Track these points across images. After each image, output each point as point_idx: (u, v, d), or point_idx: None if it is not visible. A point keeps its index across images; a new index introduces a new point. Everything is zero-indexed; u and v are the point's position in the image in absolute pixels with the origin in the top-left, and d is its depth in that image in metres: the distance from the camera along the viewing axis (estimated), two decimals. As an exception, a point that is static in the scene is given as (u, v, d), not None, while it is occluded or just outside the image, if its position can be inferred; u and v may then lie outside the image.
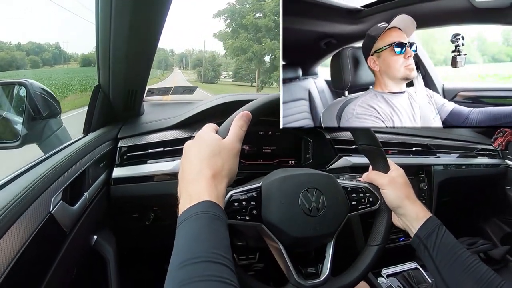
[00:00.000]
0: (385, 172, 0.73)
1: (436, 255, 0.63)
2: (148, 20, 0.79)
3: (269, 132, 1.12)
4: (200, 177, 0.52)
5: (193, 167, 0.54)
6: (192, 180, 0.52)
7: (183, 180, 0.54)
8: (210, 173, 0.52)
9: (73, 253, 0.70)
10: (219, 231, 0.46)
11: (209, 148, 0.55)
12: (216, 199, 0.49)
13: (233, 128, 0.60)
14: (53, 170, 0.67)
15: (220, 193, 0.52)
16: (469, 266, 0.60)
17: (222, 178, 0.54)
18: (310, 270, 0.66)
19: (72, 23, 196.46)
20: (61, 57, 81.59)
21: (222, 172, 0.54)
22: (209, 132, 0.59)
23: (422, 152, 1.36)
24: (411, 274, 1.21)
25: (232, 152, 0.57)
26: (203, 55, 55.27)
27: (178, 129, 1.05)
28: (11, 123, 0.98)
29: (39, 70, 54.79)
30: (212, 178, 0.52)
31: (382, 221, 0.73)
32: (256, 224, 0.63)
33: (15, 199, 0.53)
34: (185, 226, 0.46)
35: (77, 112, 7.69)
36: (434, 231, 0.65)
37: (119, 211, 1.01)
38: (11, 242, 0.49)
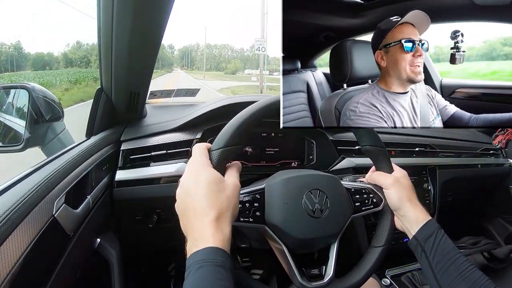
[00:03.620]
0: (388, 173, 0.72)
1: (433, 258, 0.63)
2: (150, 22, 0.79)
3: (272, 134, 1.12)
4: (205, 219, 0.50)
5: (196, 207, 0.52)
6: (196, 222, 0.51)
7: (187, 219, 0.53)
8: (215, 214, 0.50)
9: (76, 256, 0.70)
10: (220, 283, 0.45)
11: (213, 187, 0.53)
12: (221, 243, 0.48)
13: (233, 165, 0.60)
14: (56, 174, 0.67)
15: (225, 236, 0.50)
16: (464, 271, 0.60)
17: (227, 217, 0.52)
18: (314, 271, 0.66)
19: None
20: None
21: (226, 210, 0.52)
22: (208, 166, 0.56)
23: (425, 152, 1.35)
24: (415, 275, 1.20)
25: (235, 189, 0.55)
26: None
27: (181, 131, 1.05)
28: (14, 127, 0.98)
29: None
30: (216, 221, 0.50)
31: (386, 222, 0.73)
32: (260, 226, 0.63)
33: (18, 203, 0.53)
34: (190, 274, 0.46)
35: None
36: (432, 234, 0.65)
37: (122, 213, 1.01)
38: (15, 245, 0.49)
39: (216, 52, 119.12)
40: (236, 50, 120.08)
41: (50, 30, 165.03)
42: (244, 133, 0.61)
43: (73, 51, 79.92)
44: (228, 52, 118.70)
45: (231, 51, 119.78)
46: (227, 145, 0.59)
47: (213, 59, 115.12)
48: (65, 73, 28.57)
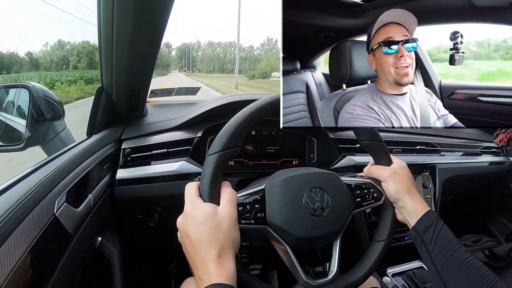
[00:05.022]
0: (387, 166, 0.73)
1: (432, 248, 0.63)
2: (151, 20, 0.79)
3: (272, 132, 1.12)
4: (207, 260, 0.50)
5: (197, 250, 0.52)
6: (200, 263, 0.51)
7: (190, 259, 0.53)
8: (216, 253, 0.50)
9: (77, 255, 0.70)
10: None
11: (208, 225, 0.52)
12: (225, 279, 0.49)
13: (225, 193, 0.58)
14: (57, 172, 0.67)
15: (229, 271, 0.50)
16: (464, 261, 0.60)
17: (228, 252, 0.52)
18: (317, 269, 0.66)
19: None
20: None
21: (227, 246, 0.52)
22: (199, 204, 0.55)
23: (426, 151, 1.35)
24: (416, 273, 1.20)
25: (232, 220, 0.55)
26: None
27: (182, 130, 1.05)
28: (14, 126, 0.98)
29: None
30: (218, 258, 0.50)
31: (387, 216, 0.73)
32: (262, 227, 0.63)
33: (19, 202, 0.53)
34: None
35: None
36: (432, 225, 0.65)
37: (123, 212, 1.01)
38: (16, 244, 0.49)
39: (221, 51, 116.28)
40: (244, 49, 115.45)
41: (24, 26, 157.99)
42: (243, 134, 0.61)
43: (51, 51, 77.01)
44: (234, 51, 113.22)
45: (239, 50, 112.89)
46: (225, 148, 0.59)
47: (217, 59, 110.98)
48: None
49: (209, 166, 0.58)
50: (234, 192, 0.59)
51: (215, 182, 0.58)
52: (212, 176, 0.58)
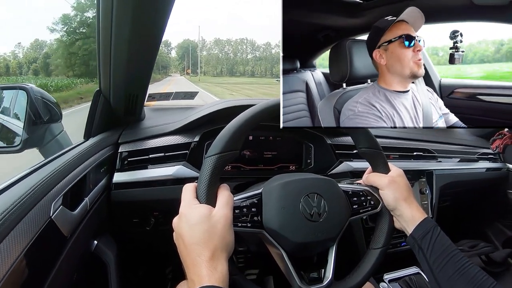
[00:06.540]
0: (385, 174, 0.73)
1: (430, 255, 0.63)
2: (149, 23, 0.79)
3: (270, 137, 1.12)
4: (199, 261, 0.50)
5: (190, 251, 0.52)
6: (192, 265, 0.51)
7: (183, 260, 0.54)
8: (208, 255, 0.50)
9: (73, 258, 0.69)
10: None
11: (202, 226, 0.52)
12: (216, 281, 0.49)
13: (221, 195, 0.58)
14: (54, 175, 0.67)
15: (222, 274, 0.50)
16: (461, 267, 0.60)
17: (222, 255, 0.52)
18: (313, 275, 0.65)
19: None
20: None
21: (220, 248, 0.52)
22: (194, 205, 0.56)
23: (423, 157, 1.36)
24: (412, 279, 1.20)
25: (227, 223, 0.54)
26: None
27: (179, 134, 1.05)
28: (12, 128, 0.98)
29: None
30: (210, 261, 0.50)
31: (384, 224, 0.73)
32: (258, 231, 0.63)
33: (15, 204, 0.53)
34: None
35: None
36: (429, 232, 0.65)
37: (120, 216, 1.01)
38: (11, 247, 0.49)
39: (230, 50, 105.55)
40: (258, 47, 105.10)
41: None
42: (242, 137, 0.61)
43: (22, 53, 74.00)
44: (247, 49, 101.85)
45: (252, 48, 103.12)
46: (223, 150, 0.59)
47: (226, 59, 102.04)
48: None
49: (207, 167, 0.58)
50: (231, 195, 0.59)
51: (212, 184, 0.58)
52: (210, 178, 0.58)
